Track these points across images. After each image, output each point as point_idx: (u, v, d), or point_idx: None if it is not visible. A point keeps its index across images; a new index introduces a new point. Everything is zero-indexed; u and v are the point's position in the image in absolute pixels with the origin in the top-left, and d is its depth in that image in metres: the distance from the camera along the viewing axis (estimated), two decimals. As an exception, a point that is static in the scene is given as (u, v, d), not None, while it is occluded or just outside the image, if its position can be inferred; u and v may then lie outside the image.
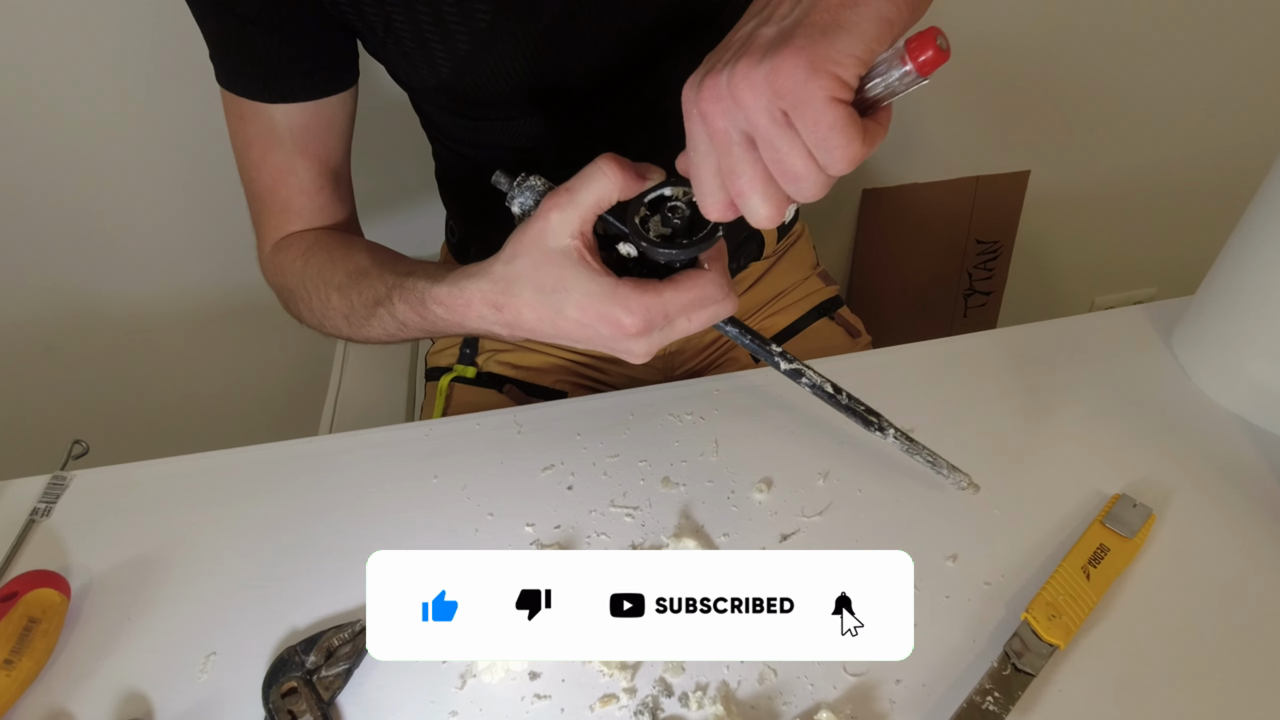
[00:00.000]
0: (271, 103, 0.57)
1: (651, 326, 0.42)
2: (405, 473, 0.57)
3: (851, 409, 0.49)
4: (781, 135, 0.34)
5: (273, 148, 0.59)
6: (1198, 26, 1.19)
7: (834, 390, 0.48)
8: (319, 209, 0.62)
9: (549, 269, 0.42)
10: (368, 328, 0.55)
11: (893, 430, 0.49)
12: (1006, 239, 1.39)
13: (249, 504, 0.56)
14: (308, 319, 0.60)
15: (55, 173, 0.96)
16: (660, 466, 0.56)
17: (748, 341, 0.48)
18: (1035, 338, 0.64)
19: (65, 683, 0.46)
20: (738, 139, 0.35)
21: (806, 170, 0.34)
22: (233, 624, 0.49)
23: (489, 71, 0.58)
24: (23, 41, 0.85)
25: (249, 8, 0.53)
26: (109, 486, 0.58)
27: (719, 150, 0.36)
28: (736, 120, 0.34)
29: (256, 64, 0.56)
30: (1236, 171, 1.38)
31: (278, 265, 0.62)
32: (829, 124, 0.32)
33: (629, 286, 0.42)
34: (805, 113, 0.32)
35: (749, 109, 0.33)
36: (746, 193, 0.36)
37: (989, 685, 0.43)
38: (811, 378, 0.48)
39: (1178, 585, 0.48)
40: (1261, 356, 0.55)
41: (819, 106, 0.32)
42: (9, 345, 1.09)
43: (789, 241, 0.83)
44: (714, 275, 0.42)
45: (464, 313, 0.46)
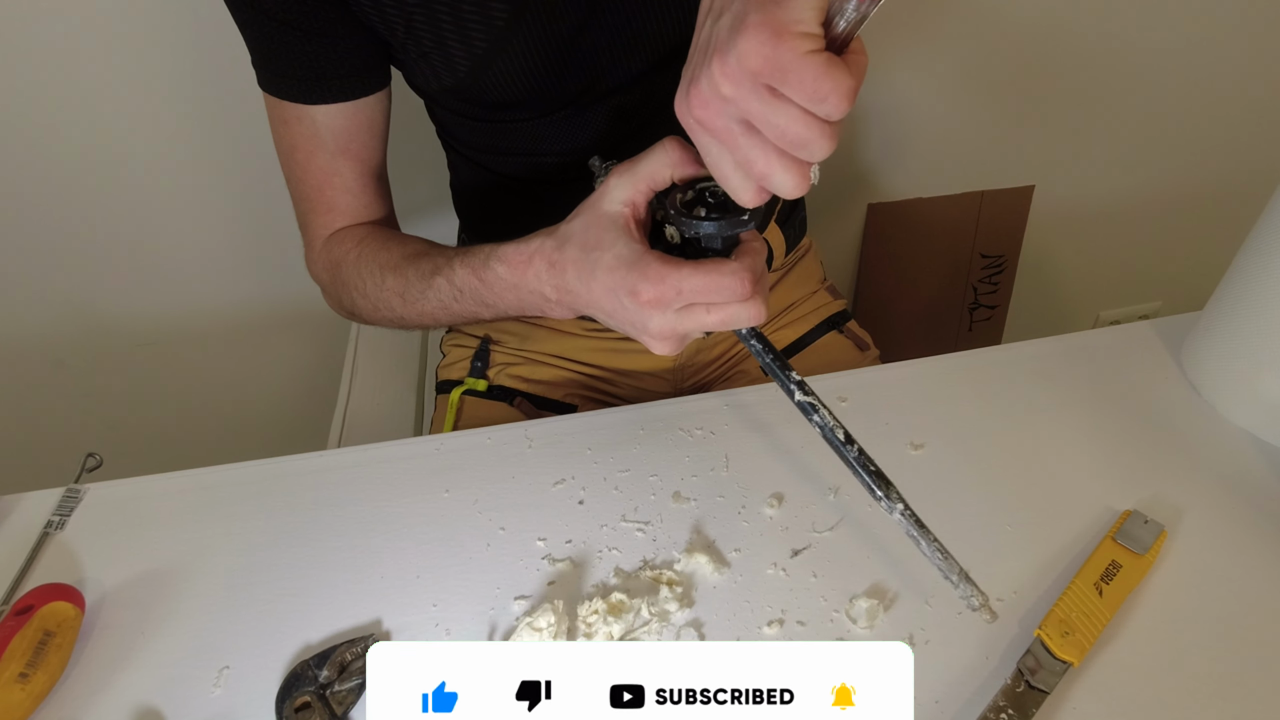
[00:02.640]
0: (313, 104, 0.60)
1: (665, 301, 0.43)
2: (416, 487, 0.58)
3: (862, 467, 0.44)
4: (775, 110, 0.34)
5: (317, 150, 0.62)
6: (1203, 41, 1.20)
7: (845, 439, 0.44)
8: (364, 207, 0.66)
9: (595, 229, 0.45)
10: (422, 301, 0.58)
11: (901, 506, 0.44)
12: (1011, 253, 1.40)
13: (261, 518, 0.56)
14: (360, 306, 0.63)
15: (66, 189, 0.97)
16: (671, 481, 0.57)
17: (769, 360, 0.46)
18: (1044, 353, 0.64)
19: (79, 697, 0.47)
20: (740, 130, 0.36)
21: (809, 130, 0.34)
22: (245, 638, 0.49)
23: (505, 71, 0.59)
24: (33, 58, 0.86)
25: (286, 12, 0.55)
26: (122, 500, 0.58)
27: (728, 147, 0.37)
28: (730, 115, 0.36)
29: (296, 68, 0.58)
30: (1240, 186, 1.39)
31: (330, 259, 0.65)
32: (813, 77, 0.33)
33: (654, 256, 0.43)
34: (788, 78, 0.33)
35: (736, 100, 0.34)
36: (768, 174, 0.37)
37: (1003, 702, 0.43)
38: (824, 418, 0.45)
39: (1190, 601, 0.48)
40: (1272, 372, 0.55)
41: (797, 67, 0.33)
42: (21, 360, 1.10)
43: (797, 255, 0.84)
44: (736, 267, 0.42)
45: (523, 271, 0.49)
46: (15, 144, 0.92)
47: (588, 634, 0.48)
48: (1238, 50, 1.22)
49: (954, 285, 1.42)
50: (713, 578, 0.51)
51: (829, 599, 0.49)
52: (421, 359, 1.00)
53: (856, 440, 0.45)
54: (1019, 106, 1.22)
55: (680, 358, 0.77)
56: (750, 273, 0.42)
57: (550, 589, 0.51)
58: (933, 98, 1.18)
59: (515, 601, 0.50)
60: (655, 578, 0.51)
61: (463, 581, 0.51)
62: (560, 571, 0.52)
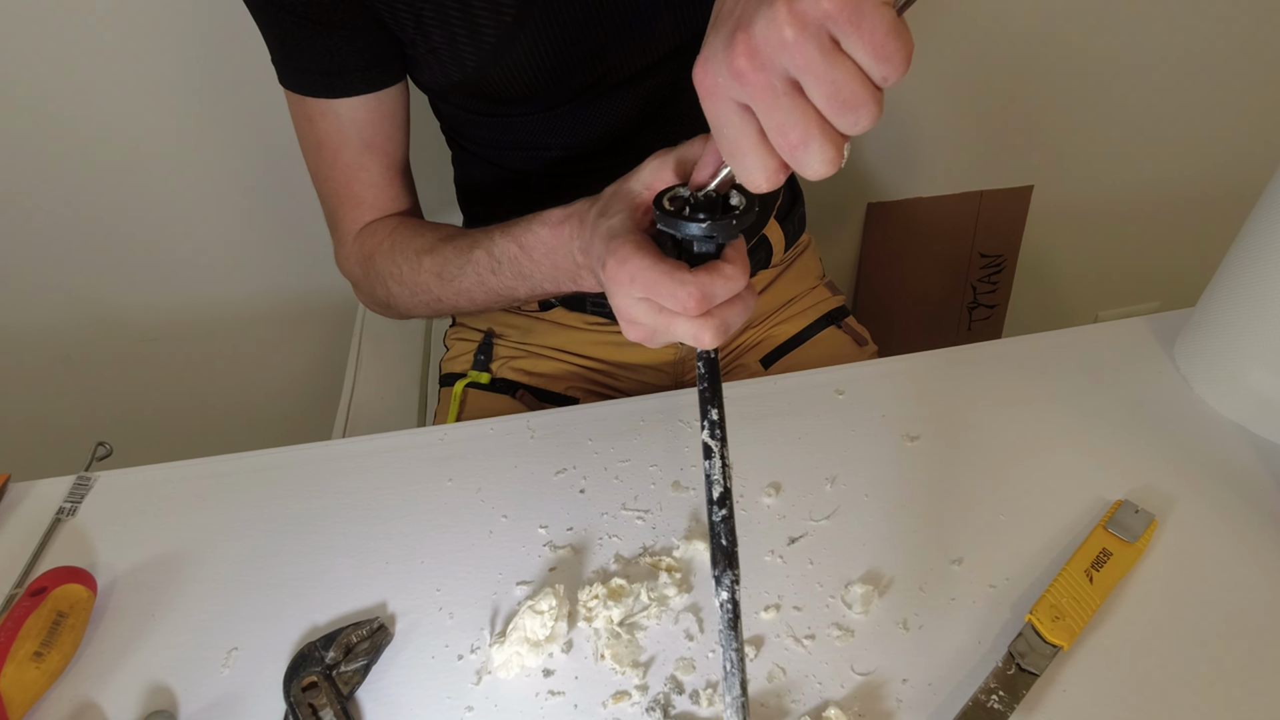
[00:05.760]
0: (335, 98, 0.60)
1: (619, 281, 0.41)
2: (420, 475, 0.59)
3: (714, 536, 0.39)
4: (836, 63, 0.31)
5: (343, 146, 0.63)
6: (1199, 43, 1.21)
7: (719, 500, 0.39)
8: (391, 200, 0.67)
9: (614, 199, 0.45)
10: (461, 277, 0.59)
11: (726, 596, 0.39)
12: (1010, 253, 1.41)
13: (268, 505, 0.57)
14: (396, 294, 0.65)
15: (75, 186, 0.98)
16: (671, 471, 0.58)
17: (701, 387, 0.41)
18: (1039, 347, 0.65)
19: (92, 675, 0.48)
20: (782, 88, 0.32)
21: (864, 91, 0.31)
22: (253, 620, 0.50)
23: (512, 66, 0.60)
24: (42, 54, 0.88)
25: (305, 7, 0.56)
26: (132, 487, 0.59)
27: (762, 108, 0.33)
28: (778, 67, 0.32)
29: (318, 62, 0.59)
30: (1239, 186, 1.40)
31: (363, 253, 0.66)
32: (885, 30, 0.30)
33: (632, 237, 0.41)
34: (860, 26, 0.30)
35: (795, 47, 0.31)
36: (804, 142, 0.33)
37: (994, 684, 0.44)
38: (713, 468, 0.40)
39: (1179, 589, 0.49)
40: (1261, 367, 0.56)
41: (872, 16, 0.30)
42: (30, 353, 1.11)
43: (796, 251, 0.85)
44: (689, 278, 0.39)
45: (560, 230, 0.51)
46: (23, 141, 0.93)
47: (588, 618, 0.49)
48: (1232, 53, 1.23)
49: (953, 285, 1.43)
50: (711, 564, 0.52)
51: (825, 585, 0.50)
52: (425, 352, 1.02)
53: (729, 506, 0.39)
54: (1019, 106, 1.23)
55: (680, 351, 0.78)
56: (700, 290, 0.38)
57: (551, 574, 0.52)
58: (932, 98, 1.19)
59: (517, 586, 0.51)
60: (654, 564, 0.52)
61: (466, 567, 0.52)
62: (561, 558, 0.53)
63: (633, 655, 0.47)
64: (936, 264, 1.39)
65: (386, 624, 0.49)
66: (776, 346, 0.80)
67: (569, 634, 0.48)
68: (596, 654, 0.47)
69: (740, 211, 0.39)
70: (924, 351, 0.66)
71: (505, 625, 0.48)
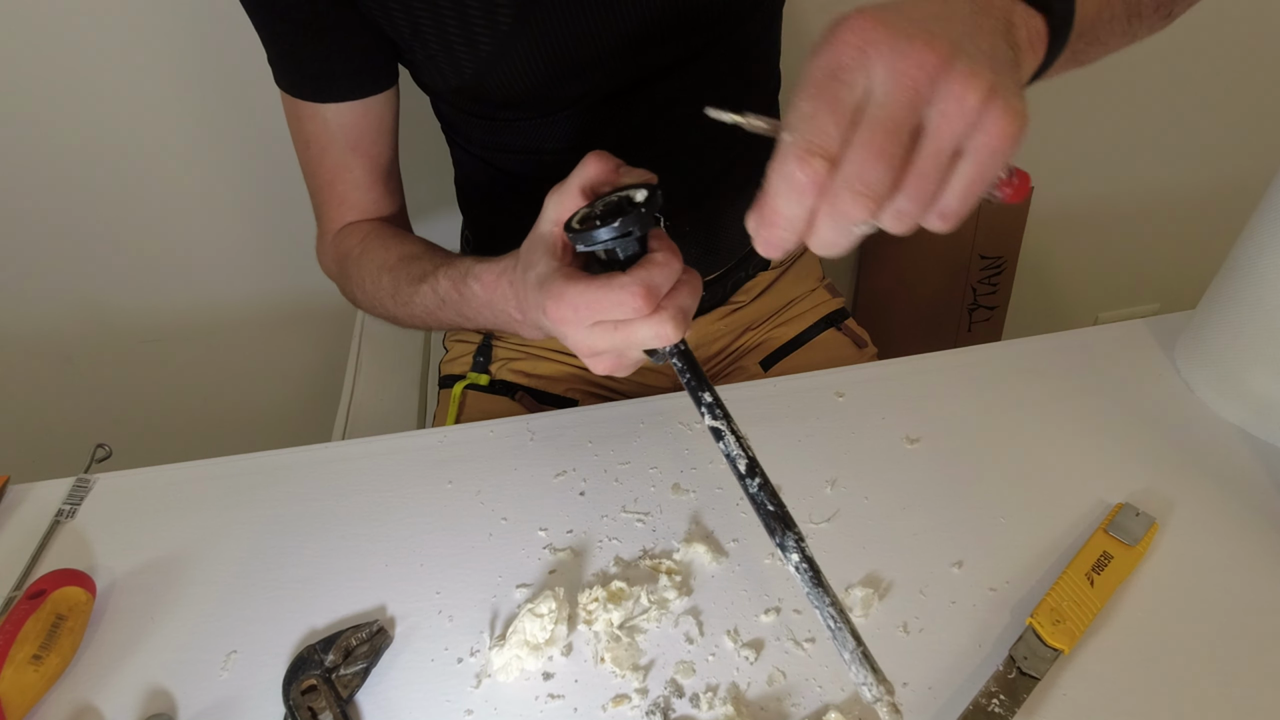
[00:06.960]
0: (323, 103, 0.61)
1: (566, 319, 0.40)
2: (420, 478, 0.59)
3: (759, 504, 0.39)
4: (945, 166, 0.31)
5: (329, 146, 0.64)
6: (1200, 46, 1.21)
7: (747, 471, 0.40)
8: (373, 202, 0.68)
9: (532, 250, 0.45)
10: (410, 305, 0.60)
11: (798, 558, 0.38)
12: (1010, 255, 1.40)
13: (267, 507, 0.57)
14: (360, 299, 0.66)
15: (75, 187, 0.98)
16: (670, 474, 0.58)
17: (686, 379, 0.42)
18: (1040, 349, 0.65)
19: (91, 678, 0.48)
20: (907, 125, 0.30)
21: (912, 206, 0.31)
22: (252, 623, 0.50)
23: (509, 73, 0.60)
24: (43, 55, 0.88)
25: (299, 12, 0.57)
26: (131, 489, 0.59)
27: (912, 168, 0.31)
28: (922, 99, 0.30)
29: (308, 66, 0.60)
30: (1239, 188, 1.40)
31: (338, 252, 0.68)
32: (996, 145, 0.30)
33: (561, 273, 0.41)
34: (986, 173, 0.31)
35: (954, 110, 0.29)
36: (953, 210, 0.32)
37: (994, 688, 0.44)
38: (729, 445, 0.41)
39: (1179, 592, 0.49)
40: (1262, 370, 0.56)
41: (1004, 143, 0.30)
42: (30, 354, 1.11)
43: (796, 253, 0.85)
44: (625, 280, 0.38)
45: (493, 290, 0.51)
46: (23, 141, 0.93)
47: (588, 621, 0.49)
48: (1232, 56, 1.23)
49: (953, 287, 1.42)
50: (711, 567, 0.52)
51: (825, 588, 0.50)
52: (424, 354, 1.02)
53: (761, 473, 0.40)
54: (1018, 109, 1.23)
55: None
56: (641, 286, 0.38)
57: (551, 577, 0.52)
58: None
59: (517, 589, 0.51)
60: (654, 567, 0.52)
61: (465, 569, 0.52)
62: (561, 560, 0.52)
63: (633, 658, 0.47)
64: (936, 266, 1.39)
65: (386, 627, 0.49)
66: (776, 349, 0.80)
67: (569, 637, 0.48)
68: (596, 657, 0.47)
69: (645, 200, 0.40)
70: (924, 354, 0.66)
71: (505, 628, 0.48)
